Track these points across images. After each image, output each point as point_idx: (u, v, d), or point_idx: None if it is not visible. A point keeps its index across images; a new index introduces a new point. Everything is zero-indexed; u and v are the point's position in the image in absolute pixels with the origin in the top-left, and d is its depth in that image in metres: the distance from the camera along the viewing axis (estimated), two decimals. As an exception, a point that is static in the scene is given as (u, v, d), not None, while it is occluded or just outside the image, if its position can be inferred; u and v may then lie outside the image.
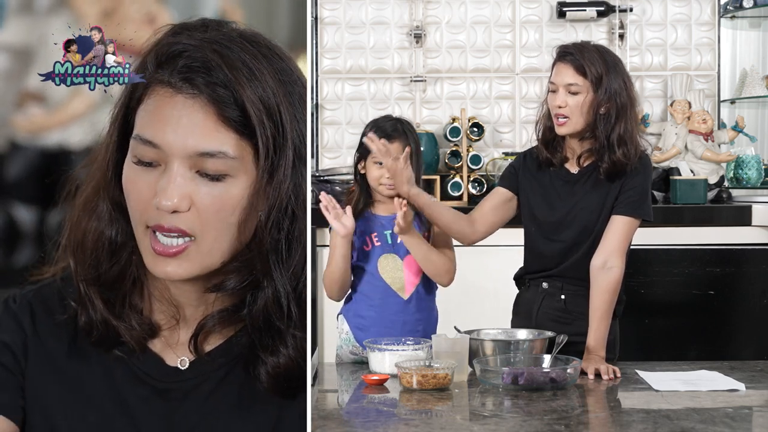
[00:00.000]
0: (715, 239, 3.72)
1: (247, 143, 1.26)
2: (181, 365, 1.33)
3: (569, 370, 2.23)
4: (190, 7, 1.31)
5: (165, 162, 1.25)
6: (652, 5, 4.24)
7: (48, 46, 1.40)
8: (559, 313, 2.60)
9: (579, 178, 2.61)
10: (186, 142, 1.23)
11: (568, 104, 2.54)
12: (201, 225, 1.25)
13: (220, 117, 1.24)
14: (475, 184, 4.01)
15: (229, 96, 1.24)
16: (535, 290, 2.65)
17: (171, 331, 1.33)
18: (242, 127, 1.25)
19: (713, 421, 1.93)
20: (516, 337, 2.48)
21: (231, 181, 1.25)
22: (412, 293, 2.63)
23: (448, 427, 1.94)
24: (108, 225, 1.29)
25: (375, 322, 2.63)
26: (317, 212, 2.65)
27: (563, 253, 2.60)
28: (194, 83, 1.24)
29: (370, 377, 2.32)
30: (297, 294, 1.30)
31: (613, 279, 2.50)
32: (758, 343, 3.68)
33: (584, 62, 2.54)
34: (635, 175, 2.56)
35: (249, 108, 1.24)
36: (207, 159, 1.24)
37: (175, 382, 1.31)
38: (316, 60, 4.31)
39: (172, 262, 1.25)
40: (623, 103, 2.55)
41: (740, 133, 4.16)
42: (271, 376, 1.29)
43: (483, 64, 4.28)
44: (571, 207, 2.59)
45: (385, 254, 2.64)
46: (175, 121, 1.24)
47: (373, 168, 2.65)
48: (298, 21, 3.65)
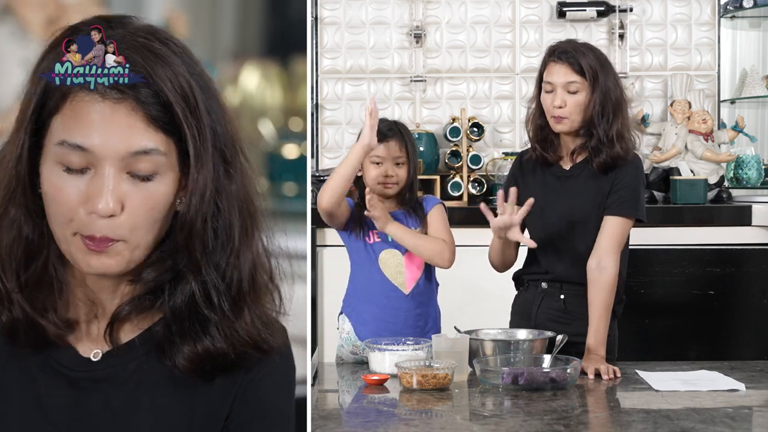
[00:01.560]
0: (715, 239, 3.72)
1: (171, 140, 1.29)
2: (94, 357, 1.35)
3: (569, 370, 2.23)
4: (134, 14, 1.32)
5: (95, 166, 1.26)
6: (652, 5, 4.24)
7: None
8: (558, 314, 2.60)
9: (572, 173, 2.61)
10: (118, 144, 1.26)
11: (567, 103, 2.54)
12: (131, 227, 1.28)
13: (147, 117, 1.27)
14: (475, 184, 4.00)
15: (153, 96, 1.27)
16: (534, 290, 2.65)
17: (89, 325, 1.36)
18: (168, 125, 1.28)
19: (713, 421, 1.93)
20: (516, 337, 2.48)
21: (159, 179, 1.29)
22: (413, 288, 2.64)
23: (448, 427, 1.94)
24: (23, 230, 1.31)
25: (376, 317, 2.63)
26: (317, 212, 2.65)
27: (562, 251, 2.60)
28: (119, 87, 1.26)
29: (370, 377, 2.32)
30: (228, 285, 1.33)
31: (608, 278, 2.50)
32: (758, 343, 3.68)
33: (581, 60, 2.54)
34: (626, 173, 2.56)
35: (173, 106, 1.27)
36: (140, 159, 1.27)
37: (86, 372, 1.34)
38: (316, 60, 4.31)
39: (101, 257, 1.28)
40: (618, 99, 2.56)
41: (740, 133, 4.16)
42: (190, 362, 1.31)
43: (483, 64, 4.28)
44: (567, 203, 2.59)
45: (386, 249, 2.65)
46: (105, 125, 1.26)
47: (371, 168, 2.66)
48: (244, 28, 3.66)
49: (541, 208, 2.59)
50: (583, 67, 2.53)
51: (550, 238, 2.61)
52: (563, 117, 2.55)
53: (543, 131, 2.62)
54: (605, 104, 2.54)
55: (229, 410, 1.36)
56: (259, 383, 1.37)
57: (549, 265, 2.62)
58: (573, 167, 2.62)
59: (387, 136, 2.65)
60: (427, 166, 4.01)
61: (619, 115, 2.55)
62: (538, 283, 2.64)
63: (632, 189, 2.55)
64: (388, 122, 2.73)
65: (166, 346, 1.32)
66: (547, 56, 2.60)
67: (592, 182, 2.58)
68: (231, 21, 3.63)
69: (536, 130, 2.64)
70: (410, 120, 4.21)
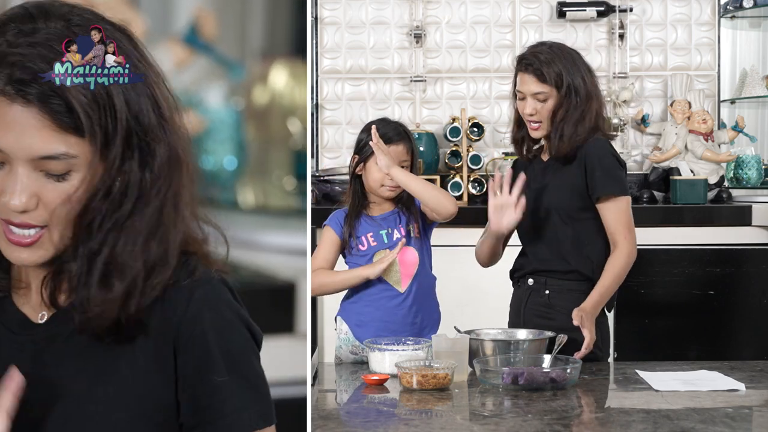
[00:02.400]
0: (715, 239, 3.72)
1: (84, 140, 1.31)
2: (41, 319, 1.40)
3: (569, 370, 2.23)
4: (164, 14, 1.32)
5: (10, 164, 1.30)
6: (652, 5, 4.24)
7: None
8: (543, 309, 2.63)
9: (548, 164, 2.69)
10: (28, 147, 1.29)
11: (538, 110, 2.63)
12: (50, 217, 1.32)
13: (56, 122, 1.29)
14: (475, 184, 4.01)
15: (61, 103, 1.28)
16: (523, 287, 2.69)
17: (35, 291, 1.41)
18: (77, 130, 1.30)
19: (713, 421, 1.93)
20: (516, 337, 2.48)
21: (75, 176, 1.32)
22: (409, 286, 2.65)
23: (448, 427, 1.94)
24: None
25: (373, 317, 2.64)
26: (317, 212, 2.66)
27: (537, 242, 2.66)
28: (27, 96, 1.28)
29: (370, 377, 2.32)
30: (148, 269, 1.36)
31: (622, 254, 2.55)
32: (758, 343, 3.68)
33: (543, 68, 2.61)
34: (589, 158, 2.61)
35: (80, 111, 1.29)
36: (50, 161, 1.30)
37: (33, 334, 1.40)
38: (316, 60, 4.31)
39: (26, 250, 1.33)
40: (588, 92, 2.63)
41: (740, 133, 4.16)
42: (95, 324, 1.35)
43: (483, 64, 4.28)
44: (545, 193, 2.66)
45: (379, 251, 2.65)
46: (17, 127, 1.28)
47: (374, 170, 2.66)
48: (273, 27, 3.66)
49: (528, 200, 2.62)
50: (545, 74, 2.61)
51: (533, 228, 2.67)
52: (538, 122, 2.64)
53: (520, 131, 2.72)
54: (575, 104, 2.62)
55: (173, 352, 1.37)
56: (194, 319, 1.37)
57: (534, 257, 2.67)
58: (549, 159, 2.69)
59: (394, 140, 2.67)
60: (427, 166, 4.01)
61: (591, 107, 2.62)
62: (526, 279, 2.68)
63: (601, 168, 2.60)
64: (395, 125, 2.74)
65: (80, 310, 1.35)
66: (516, 65, 2.69)
67: (564, 170, 2.65)
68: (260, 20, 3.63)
69: (514, 132, 2.74)
70: (410, 120, 4.21)
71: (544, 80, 2.61)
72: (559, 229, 2.63)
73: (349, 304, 2.70)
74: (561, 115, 2.61)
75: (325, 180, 4.00)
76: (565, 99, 2.61)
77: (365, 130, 2.71)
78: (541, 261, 2.65)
